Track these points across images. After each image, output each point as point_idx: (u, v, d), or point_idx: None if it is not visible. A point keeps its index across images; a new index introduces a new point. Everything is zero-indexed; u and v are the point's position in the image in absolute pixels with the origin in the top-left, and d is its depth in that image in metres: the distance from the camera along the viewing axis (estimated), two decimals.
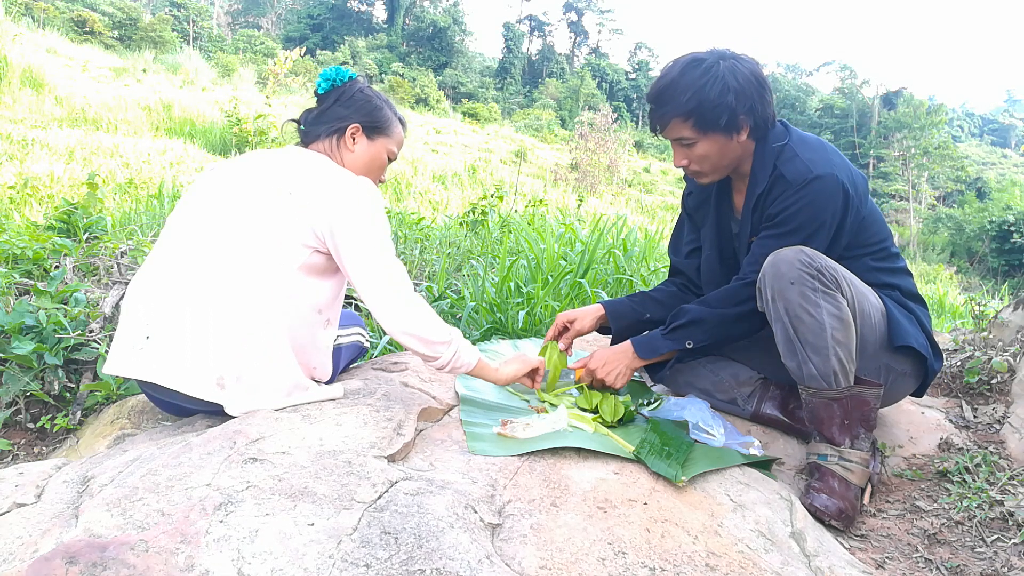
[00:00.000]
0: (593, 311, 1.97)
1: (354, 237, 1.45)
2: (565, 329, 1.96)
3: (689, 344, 1.77)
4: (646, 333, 1.88)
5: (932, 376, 1.80)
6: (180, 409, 1.53)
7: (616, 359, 1.83)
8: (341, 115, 1.64)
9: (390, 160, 1.72)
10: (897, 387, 1.78)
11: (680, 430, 1.61)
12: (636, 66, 65.01)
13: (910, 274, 1.84)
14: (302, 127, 1.68)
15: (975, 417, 2.12)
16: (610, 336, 2.02)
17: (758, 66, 1.68)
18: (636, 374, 2.11)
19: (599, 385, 1.84)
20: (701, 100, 1.60)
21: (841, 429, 1.61)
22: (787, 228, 1.65)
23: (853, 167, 1.72)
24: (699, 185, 1.87)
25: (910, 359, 1.74)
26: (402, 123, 1.73)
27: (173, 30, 38.28)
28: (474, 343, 2.39)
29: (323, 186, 1.48)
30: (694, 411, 1.70)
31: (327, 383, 1.60)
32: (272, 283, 1.41)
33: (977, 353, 2.42)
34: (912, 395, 1.88)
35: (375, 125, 1.66)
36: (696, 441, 1.61)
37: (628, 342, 1.85)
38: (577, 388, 1.85)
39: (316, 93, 1.68)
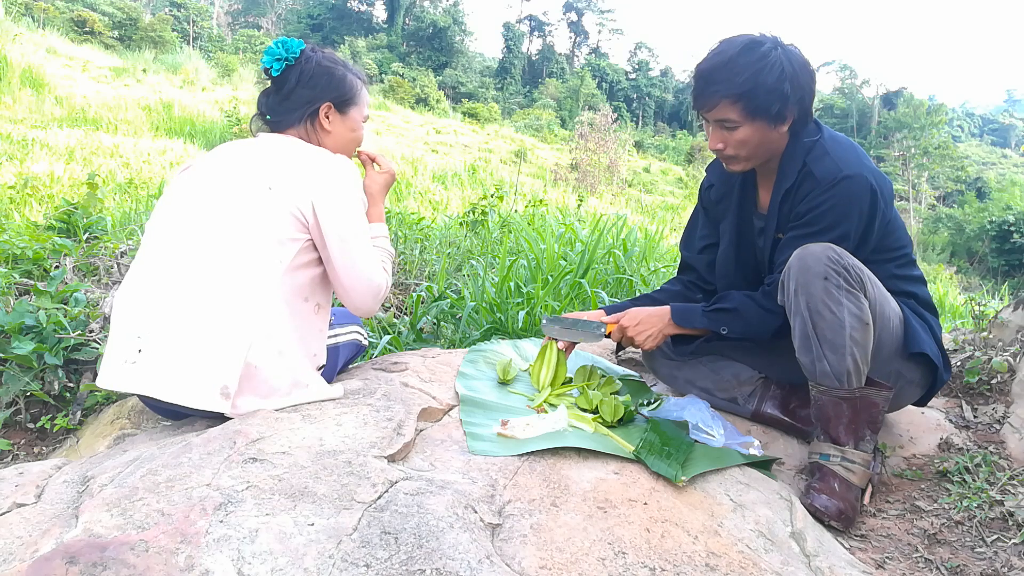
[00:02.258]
0: (595, 315, 1.97)
1: (336, 217, 1.46)
2: None
3: (724, 330, 1.75)
4: (686, 303, 1.86)
5: (939, 386, 1.79)
6: (177, 413, 1.52)
7: (651, 320, 1.81)
8: (308, 97, 1.57)
9: (364, 122, 1.70)
10: (904, 393, 1.78)
11: (680, 430, 1.61)
12: (636, 66, 65.03)
13: (925, 283, 1.82)
14: (268, 116, 1.60)
15: (975, 417, 2.12)
16: (614, 343, 2.00)
17: (806, 58, 1.63)
18: (636, 374, 2.11)
19: (628, 343, 1.83)
20: (757, 84, 1.56)
21: (847, 429, 1.61)
22: (815, 228, 1.62)
23: (879, 171, 1.69)
24: (721, 177, 1.84)
25: (921, 367, 1.73)
26: (363, 81, 1.68)
27: (173, 30, 38.28)
28: (474, 343, 2.40)
29: (301, 170, 1.47)
30: (694, 411, 1.70)
31: (324, 375, 1.59)
32: (263, 286, 1.40)
33: (977, 353, 2.42)
34: (915, 404, 1.87)
35: (345, 98, 1.62)
36: (696, 441, 1.61)
37: (667, 306, 1.82)
38: (577, 388, 1.85)
39: (270, 75, 1.58)
